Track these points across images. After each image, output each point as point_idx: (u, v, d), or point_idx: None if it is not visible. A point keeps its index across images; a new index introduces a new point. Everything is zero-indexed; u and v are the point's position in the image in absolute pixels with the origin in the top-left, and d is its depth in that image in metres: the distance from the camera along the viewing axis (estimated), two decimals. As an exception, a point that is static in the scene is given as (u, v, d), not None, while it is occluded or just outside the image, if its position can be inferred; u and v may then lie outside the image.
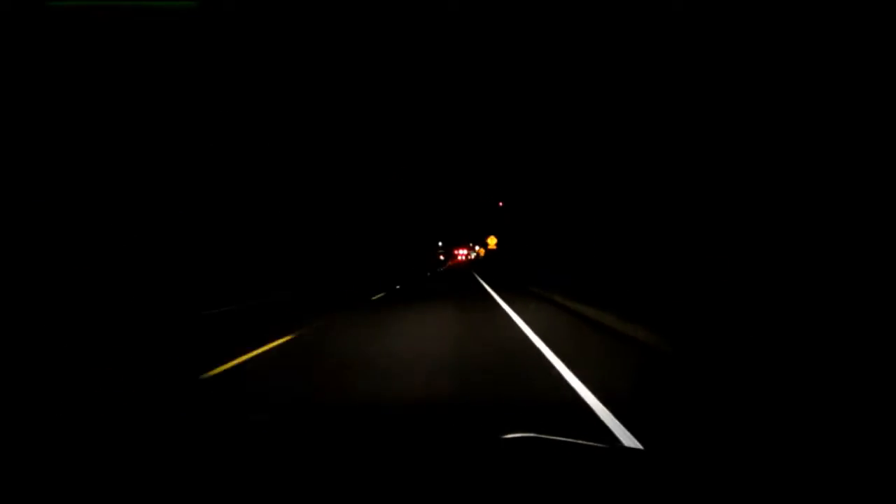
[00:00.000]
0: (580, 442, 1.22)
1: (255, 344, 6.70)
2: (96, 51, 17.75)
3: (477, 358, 5.49)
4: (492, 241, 45.11)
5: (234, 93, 27.27)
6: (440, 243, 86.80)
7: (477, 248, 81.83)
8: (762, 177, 15.74)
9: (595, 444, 1.27)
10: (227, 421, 1.78)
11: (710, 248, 20.64)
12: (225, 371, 5.19)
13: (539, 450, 1.20)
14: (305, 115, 38.67)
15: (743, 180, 16.78)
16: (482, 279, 26.55)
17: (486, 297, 14.22)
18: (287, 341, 7.02)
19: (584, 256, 29.92)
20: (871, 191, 11.53)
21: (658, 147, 23.52)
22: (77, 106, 18.72)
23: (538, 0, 19.83)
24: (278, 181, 33.71)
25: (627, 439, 2.92)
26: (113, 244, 21.16)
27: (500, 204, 46.20)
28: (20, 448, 1.12)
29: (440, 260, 77.80)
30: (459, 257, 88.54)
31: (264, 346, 6.61)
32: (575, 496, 0.93)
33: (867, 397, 4.18)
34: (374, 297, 15.25)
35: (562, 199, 39.75)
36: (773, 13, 13.30)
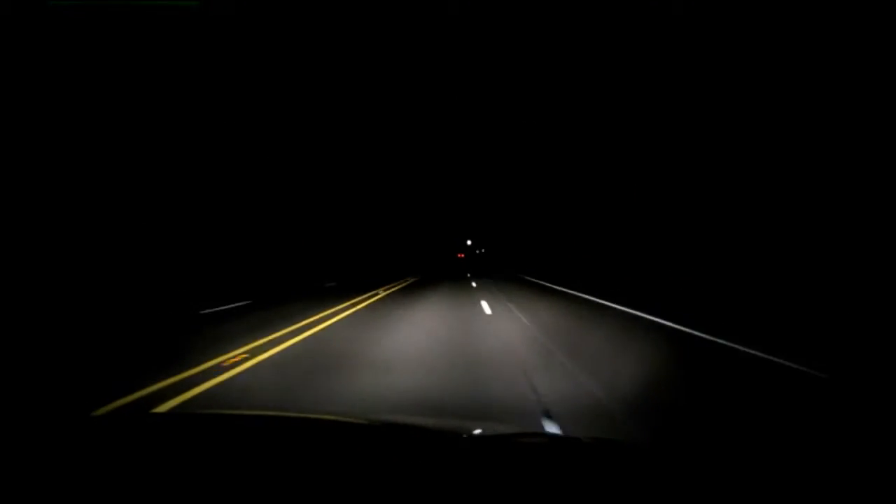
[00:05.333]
0: (581, 438, 1.19)
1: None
2: (96, 50, 17.73)
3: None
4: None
5: (240, 94, 27.23)
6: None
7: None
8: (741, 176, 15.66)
9: (593, 440, 1.24)
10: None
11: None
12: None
13: (545, 447, 1.19)
14: (307, 116, 38.72)
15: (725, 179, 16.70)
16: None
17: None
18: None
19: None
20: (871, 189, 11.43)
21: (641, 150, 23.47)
22: (76, 105, 18.70)
23: (540, 4, 19.91)
24: (294, 184, 34.01)
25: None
26: (108, 243, 21.07)
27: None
28: None
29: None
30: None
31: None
32: (575, 493, 0.92)
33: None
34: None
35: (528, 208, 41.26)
36: (772, 16, 13.32)
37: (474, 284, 18.91)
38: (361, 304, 11.11)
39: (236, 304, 11.05)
